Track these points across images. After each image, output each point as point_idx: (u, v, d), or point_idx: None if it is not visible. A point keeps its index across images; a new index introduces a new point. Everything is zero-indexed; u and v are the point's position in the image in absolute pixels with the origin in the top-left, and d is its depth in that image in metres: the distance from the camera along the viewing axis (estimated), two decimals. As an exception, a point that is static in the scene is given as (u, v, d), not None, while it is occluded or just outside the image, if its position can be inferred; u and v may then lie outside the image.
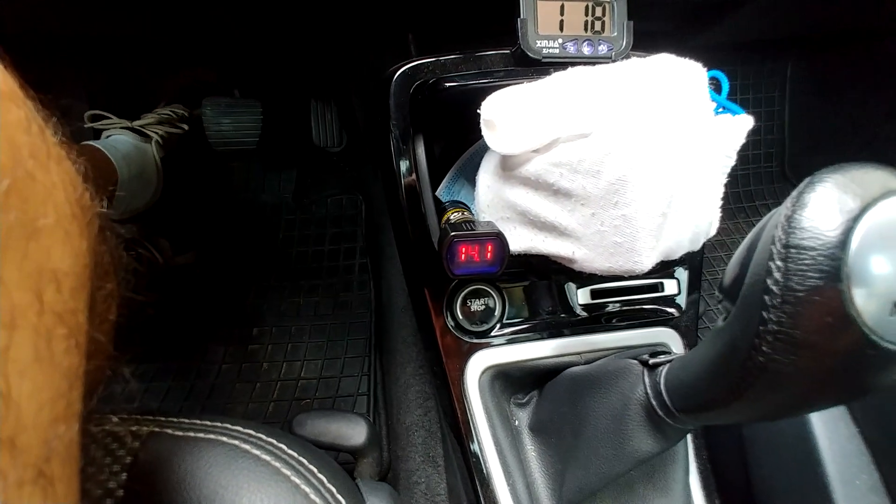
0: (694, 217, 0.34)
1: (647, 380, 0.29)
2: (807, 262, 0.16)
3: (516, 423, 0.42)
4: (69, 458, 0.15)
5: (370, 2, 0.52)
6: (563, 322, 0.42)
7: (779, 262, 0.17)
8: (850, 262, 0.16)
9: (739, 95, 0.99)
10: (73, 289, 0.16)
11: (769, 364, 0.18)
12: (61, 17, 0.50)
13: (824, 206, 0.17)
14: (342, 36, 0.63)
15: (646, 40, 0.43)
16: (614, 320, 0.43)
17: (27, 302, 0.14)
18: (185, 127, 0.77)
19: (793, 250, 0.17)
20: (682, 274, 0.44)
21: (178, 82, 0.77)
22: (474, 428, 0.40)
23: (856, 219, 0.16)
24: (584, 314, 0.42)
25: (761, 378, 0.19)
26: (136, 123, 0.71)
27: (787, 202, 0.18)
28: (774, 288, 0.17)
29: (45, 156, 0.16)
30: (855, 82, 0.88)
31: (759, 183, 1.02)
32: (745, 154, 1.02)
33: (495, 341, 0.41)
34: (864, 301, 0.16)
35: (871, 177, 0.17)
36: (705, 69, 0.33)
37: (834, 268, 0.16)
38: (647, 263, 0.33)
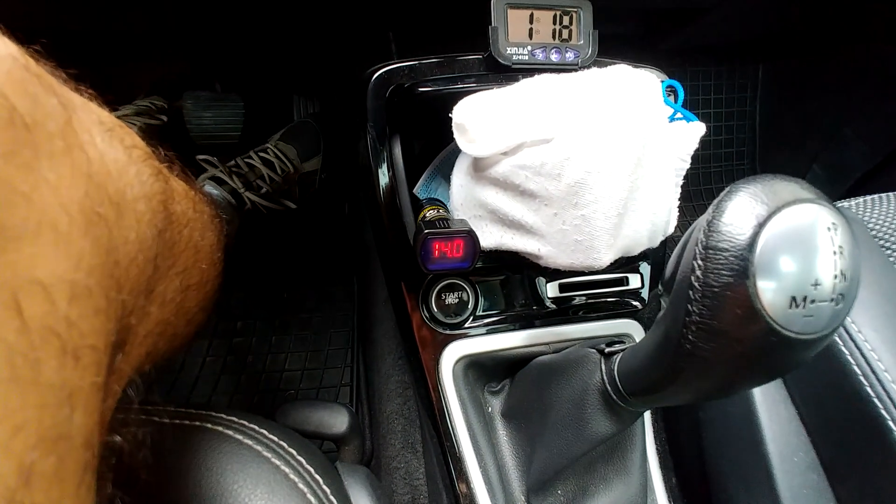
0: (650, 217, 0.36)
1: (603, 367, 0.32)
2: (721, 261, 0.19)
3: (489, 409, 0.45)
4: (61, 479, 0.14)
5: (351, 1, 0.53)
6: (533, 314, 0.45)
7: (700, 262, 0.19)
8: (756, 262, 0.18)
9: (713, 95, 1.03)
10: (74, 296, 0.15)
11: (695, 350, 0.21)
12: (33, 11, 0.50)
13: (738, 212, 0.19)
14: (323, 32, 0.64)
15: (618, 44, 0.45)
16: (581, 312, 0.45)
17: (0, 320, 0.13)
18: (164, 118, 0.76)
19: (711, 251, 0.19)
20: (645, 269, 0.47)
21: (155, 76, 0.77)
22: (448, 415, 0.42)
23: (762, 224, 0.18)
24: (554, 307, 0.45)
25: (690, 363, 0.22)
26: (114, 115, 0.71)
27: (710, 209, 0.20)
28: (696, 284, 0.20)
29: (32, 153, 0.14)
30: (821, 84, 0.92)
31: (731, 180, 1.05)
32: (717, 152, 1.06)
33: (469, 333, 0.43)
34: (767, 296, 0.18)
35: (782, 187, 0.20)
36: (662, 79, 0.35)
37: (743, 267, 0.18)
38: (606, 260, 0.35)
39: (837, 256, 0.18)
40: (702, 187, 1.06)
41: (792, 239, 0.18)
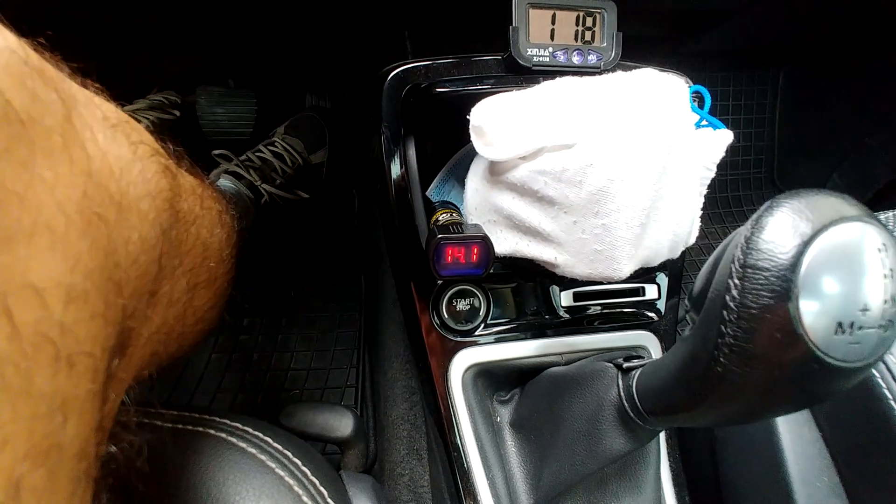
0: (672, 227, 0.35)
1: (620, 382, 0.31)
2: (761, 281, 0.18)
3: (498, 419, 0.44)
4: (52, 492, 0.13)
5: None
6: (546, 323, 0.43)
7: (736, 281, 0.18)
8: (800, 284, 0.17)
9: (731, 101, 1.01)
10: (69, 300, 0.14)
11: (726, 374, 0.20)
12: (46, 1, 0.50)
13: (780, 229, 0.18)
14: (338, 30, 0.63)
15: (639, 46, 0.44)
16: (595, 323, 0.44)
17: None
18: (177, 113, 0.76)
19: (749, 270, 0.18)
20: (662, 279, 0.46)
21: (169, 71, 0.77)
22: (456, 423, 0.41)
23: (807, 243, 0.17)
24: (567, 316, 0.43)
25: (719, 387, 0.21)
26: (128, 108, 0.71)
27: (748, 224, 0.19)
28: (732, 304, 0.18)
29: (27, 150, 0.14)
30: (844, 93, 0.89)
31: (747, 189, 1.03)
32: (734, 160, 1.04)
33: (479, 340, 0.42)
34: (811, 320, 0.17)
35: (826, 203, 0.18)
36: (688, 84, 0.33)
37: (785, 288, 0.17)
38: (626, 270, 0.34)
39: (888, 280, 0.17)
40: (717, 195, 1.03)
41: (839, 259, 0.17)
